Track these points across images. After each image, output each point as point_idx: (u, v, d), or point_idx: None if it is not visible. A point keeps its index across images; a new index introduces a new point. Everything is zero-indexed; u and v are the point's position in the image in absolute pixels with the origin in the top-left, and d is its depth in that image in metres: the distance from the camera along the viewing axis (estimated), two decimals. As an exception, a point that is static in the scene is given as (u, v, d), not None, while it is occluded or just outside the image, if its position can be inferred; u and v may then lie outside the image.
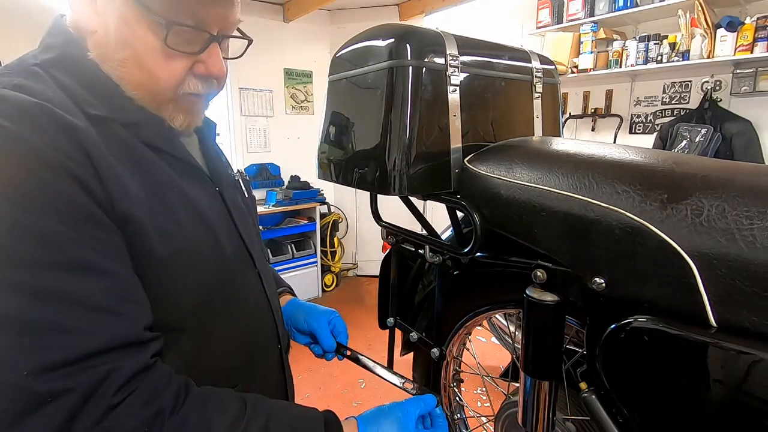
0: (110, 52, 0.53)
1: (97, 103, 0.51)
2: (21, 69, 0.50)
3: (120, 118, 0.53)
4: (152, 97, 0.56)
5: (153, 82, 0.55)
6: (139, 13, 0.51)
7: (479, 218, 0.72)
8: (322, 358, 0.86)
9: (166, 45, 0.53)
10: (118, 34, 0.52)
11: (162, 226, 0.52)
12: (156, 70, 0.54)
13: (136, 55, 0.53)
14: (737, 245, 0.45)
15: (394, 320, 1.03)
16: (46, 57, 0.52)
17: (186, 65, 0.56)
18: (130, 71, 0.54)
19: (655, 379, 0.51)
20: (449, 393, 1.08)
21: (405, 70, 0.70)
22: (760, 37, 2.08)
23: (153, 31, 0.52)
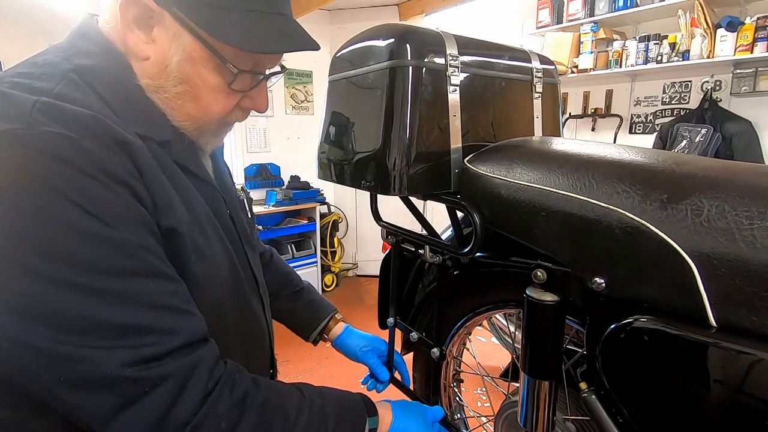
0: (166, 85, 0.53)
1: (134, 122, 0.51)
2: (58, 74, 0.48)
3: (155, 137, 0.53)
4: (197, 127, 0.57)
5: (203, 115, 0.56)
6: (208, 55, 0.51)
7: (479, 218, 0.72)
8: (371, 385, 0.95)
9: (229, 87, 0.54)
10: (179, 70, 0.52)
11: (197, 242, 0.53)
12: (210, 106, 0.55)
13: (194, 91, 0.54)
14: (737, 245, 0.45)
15: (394, 320, 1.03)
16: (82, 63, 0.50)
17: (236, 100, 0.57)
18: (184, 104, 0.54)
19: (655, 379, 0.51)
20: (449, 393, 1.08)
21: (405, 70, 0.70)
22: (760, 37, 2.08)
23: (219, 74, 0.53)
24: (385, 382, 0.92)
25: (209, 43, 0.50)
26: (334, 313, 0.96)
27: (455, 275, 0.90)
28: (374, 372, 0.90)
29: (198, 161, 0.60)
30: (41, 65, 0.49)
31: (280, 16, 0.54)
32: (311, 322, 0.94)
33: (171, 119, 0.55)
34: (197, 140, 0.59)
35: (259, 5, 0.52)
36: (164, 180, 0.50)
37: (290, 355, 2.49)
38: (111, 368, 0.41)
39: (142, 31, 0.51)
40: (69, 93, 0.46)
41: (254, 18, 0.51)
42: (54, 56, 0.50)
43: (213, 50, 0.51)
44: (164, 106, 0.54)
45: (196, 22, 0.49)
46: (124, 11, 0.49)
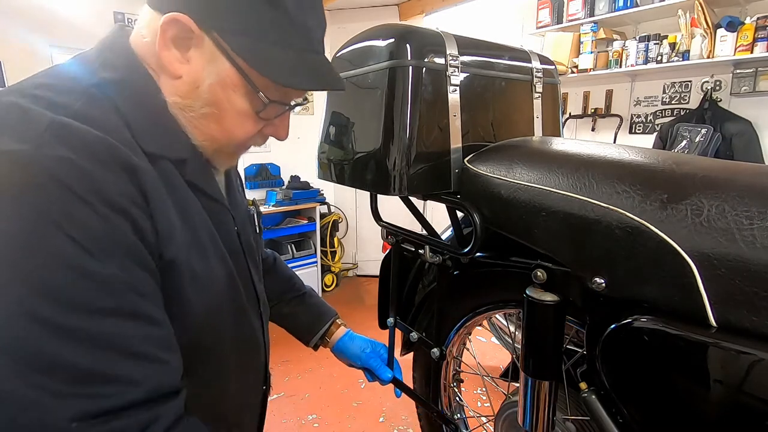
0: (194, 105, 0.53)
1: (152, 139, 0.50)
2: (79, 89, 0.48)
3: (170, 155, 0.52)
4: (216, 148, 0.57)
5: (226, 138, 0.56)
6: (242, 83, 0.52)
7: (479, 218, 0.72)
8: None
9: (256, 115, 0.55)
10: (210, 92, 0.52)
11: (195, 269, 0.53)
12: (234, 130, 0.56)
13: (220, 113, 0.54)
14: (737, 245, 0.45)
15: (394, 320, 1.03)
16: (106, 77, 0.50)
17: (260, 127, 0.58)
18: (208, 125, 0.54)
19: (655, 379, 0.51)
20: (449, 393, 1.08)
21: (405, 70, 0.70)
22: (760, 37, 2.08)
23: (248, 100, 0.54)
24: (388, 381, 0.93)
25: (245, 71, 0.51)
26: (335, 317, 0.97)
27: (455, 275, 0.90)
28: (377, 373, 0.92)
29: (210, 180, 0.60)
30: (65, 77, 0.49)
31: (316, 54, 0.55)
32: (313, 327, 0.95)
33: (191, 138, 0.55)
34: (213, 159, 0.60)
35: (297, 43, 0.52)
36: (170, 206, 0.50)
37: (290, 355, 2.49)
38: (59, 421, 0.38)
39: (178, 50, 0.51)
40: (87, 110, 0.46)
41: (291, 54, 0.52)
42: (79, 67, 0.51)
43: (248, 79, 0.51)
44: (187, 125, 0.54)
45: (236, 49, 0.50)
46: (164, 29, 0.49)
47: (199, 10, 0.48)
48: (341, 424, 1.99)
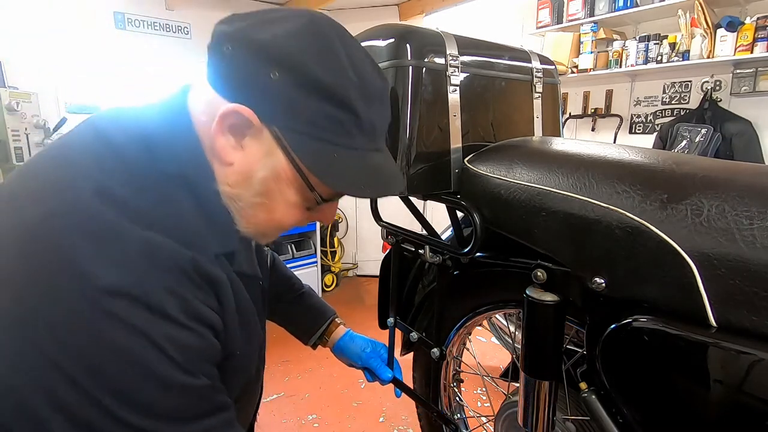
0: (244, 195, 0.52)
1: (213, 239, 0.51)
2: (154, 188, 0.47)
3: (224, 250, 0.52)
4: (261, 232, 0.57)
5: (273, 226, 0.56)
6: (297, 179, 0.50)
7: (479, 218, 0.72)
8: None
9: (306, 210, 0.55)
10: (263, 184, 0.51)
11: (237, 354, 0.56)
12: (283, 220, 0.55)
13: (271, 204, 0.53)
14: (737, 245, 0.45)
15: (394, 320, 1.03)
16: (174, 171, 0.49)
17: (308, 216, 0.57)
18: (257, 214, 0.53)
19: (655, 379, 0.51)
20: (449, 393, 1.08)
21: (405, 70, 0.70)
22: (760, 37, 2.08)
23: (301, 196, 0.53)
24: (388, 381, 0.93)
25: (302, 170, 0.49)
26: (334, 316, 0.97)
27: (455, 275, 0.90)
28: (377, 372, 0.92)
29: (252, 259, 0.61)
30: (136, 168, 0.48)
31: (377, 152, 0.53)
32: (312, 326, 0.95)
33: (238, 225, 0.54)
34: (254, 238, 0.59)
35: (361, 143, 0.50)
36: (232, 309, 0.53)
37: (290, 355, 2.49)
38: None
39: (233, 137, 0.49)
40: (168, 218, 0.47)
41: (354, 157, 0.50)
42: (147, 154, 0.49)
43: (304, 178, 0.50)
44: (236, 214, 0.53)
45: (296, 149, 0.48)
46: (224, 117, 0.47)
47: (264, 103, 0.46)
48: (341, 424, 1.99)
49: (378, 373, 0.92)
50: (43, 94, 2.56)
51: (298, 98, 0.46)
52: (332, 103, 0.47)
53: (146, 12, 2.97)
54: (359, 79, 0.48)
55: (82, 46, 2.76)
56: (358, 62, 0.49)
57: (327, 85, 0.46)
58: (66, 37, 2.68)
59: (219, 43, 0.47)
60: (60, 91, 2.72)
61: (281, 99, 0.46)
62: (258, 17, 0.48)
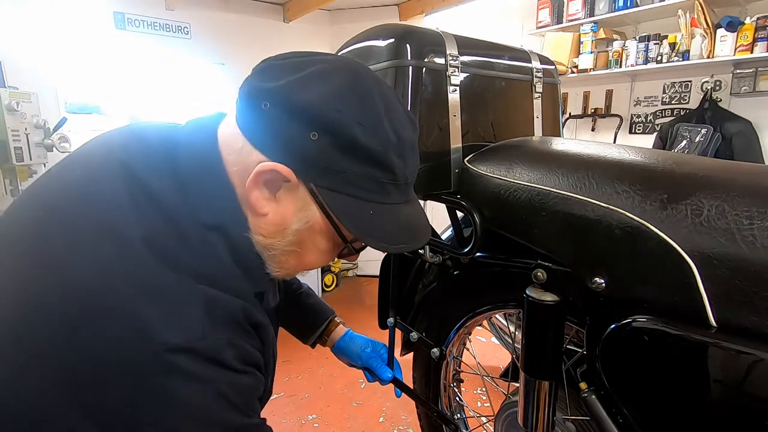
0: (278, 244, 0.52)
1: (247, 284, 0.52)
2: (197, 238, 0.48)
3: (256, 291, 0.54)
4: (289, 275, 0.58)
5: (302, 269, 0.57)
6: (331, 231, 0.51)
7: (479, 218, 0.72)
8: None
9: (337, 256, 0.56)
10: (296, 235, 0.51)
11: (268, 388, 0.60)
12: (312, 263, 0.56)
13: (302, 252, 0.54)
14: (737, 245, 0.45)
15: (394, 320, 1.03)
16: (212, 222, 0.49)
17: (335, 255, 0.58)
18: (288, 261, 0.54)
19: (655, 379, 0.51)
20: (449, 393, 1.08)
21: (405, 70, 0.70)
22: (760, 37, 2.08)
23: (334, 244, 0.54)
24: (388, 380, 0.93)
25: (337, 225, 0.50)
26: (333, 316, 0.98)
27: (455, 275, 0.90)
28: (377, 372, 0.92)
29: (275, 292, 0.64)
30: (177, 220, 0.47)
31: (408, 203, 0.54)
32: (311, 326, 0.96)
33: (269, 269, 0.54)
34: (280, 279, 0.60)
35: (395, 197, 0.51)
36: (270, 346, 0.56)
37: (290, 355, 2.49)
38: None
39: (268, 189, 0.49)
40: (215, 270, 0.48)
41: (387, 212, 0.51)
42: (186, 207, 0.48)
43: (339, 232, 0.51)
44: (268, 260, 0.53)
45: (332, 206, 0.48)
46: (260, 173, 0.47)
47: (302, 162, 0.46)
48: (341, 424, 1.99)
49: (378, 373, 0.92)
50: (43, 94, 2.56)
51: (337, 159, 0.46)
52: (371, 164, 0.47)
53: (146, 12, 2.97)
54: (397, 137, 0.49)
55: (82, 46, 2.75)
56: (395, 118, 0.49)
57: (367, 147, 0.46)
58: (66, 37, 2.68)
59: (257, 97, 0.46)
60: (60, 91, 2.72)
61: (320, 159, 0.46)
62: (298, 73, 0.47)
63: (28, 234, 0.47)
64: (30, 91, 2.42)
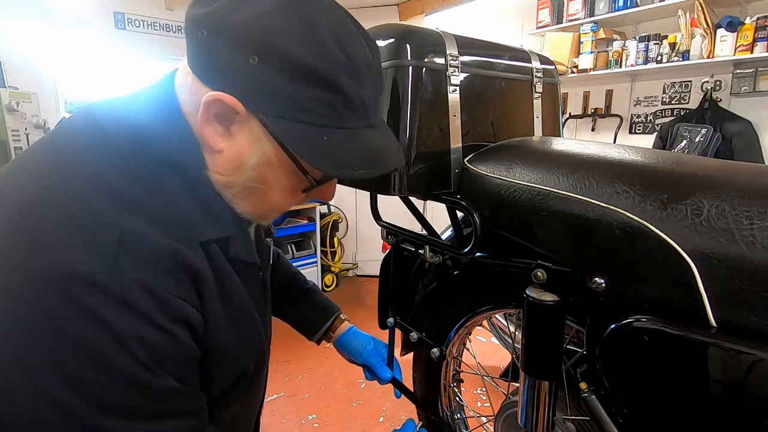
0: (237, 181, 0.51)
1: (204, 226, 0.50)
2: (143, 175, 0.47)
3: (215, 235, 0.51)
4: (259, 215, 0.55)
5: (269, 208, 0.55)
6: (289, 163, 0.49)
7: (479, 218, 0.72)
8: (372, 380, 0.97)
9: (302, 191, 0.54)
10: (255, 171, 0.50)
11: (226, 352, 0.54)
12: (280, 203, 0.54)
13: (265, 189, 0.52)
14: (737, 245, 0.45)
15: (394, 320, 1.03)
16: (165, 157, 0.48)
17: (305, 196, 0.55)
18: (252, 198, 0.52)
19: (655, 379, 0.51)
20: (449, 393, 1.08)
21: (405, 70, 0.70)
22: (760, 37, 2.08)
23: (296, 178, 0.51)
24: (387, 380, 0.93)
25: (293, 155, 0.47)
26: (339, 313, 0.98)
27: (455, 275, 0.90)
28: (376, 371, 0.92)
29: (250, 246, 0.59)
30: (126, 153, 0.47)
31: (371, 128, 0.51)
32: (316, 322, 0.95)
33: (235, 208, 0.53)
34: (253, 221, 0.58)
35: (352, 121, 0.48)
36: (216, 299, 0.51)
37: (290, 355, 2.49)
38: None
39: (221, 124, 0.48)
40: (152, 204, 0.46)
41: (344, 136, 0.48)
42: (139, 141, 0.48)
43: (296, 162, 0.48)
44: (231, 199, 0.52)
45: (283, 135, 0.45)
46: (207, 106, 0.46)
47: (247, 90, 0.44)
48: (341, 424, 1.99)
49: (377, 371, 0.92)
50: (43, 94, 2.56)
51: (281, 83, 0.43)
52: (318, 85, 0.44)
53: (146, 12, 2.97)
54: (345, 56, 0.45)
55: (82, 46, 2.75)
56: (344, 37, 0.46)
57: (311, 67, 0.43)
58: (66, 37, 2.68)
59: (194, 27, 0.45)
60: (60, 91, 2.72)
61: (263, 85, 0.44)
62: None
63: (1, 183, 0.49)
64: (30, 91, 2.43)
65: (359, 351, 0.93)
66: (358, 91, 0.47)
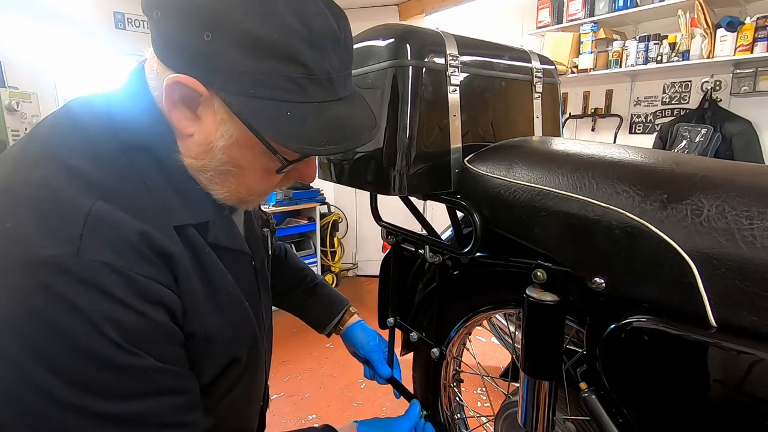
0: (209, 165, 0.50)
1: (177, 210, 0.49)
2: (111, 159, 0.46)
3: (193, 221, 0.51)
4: (239, 199, 0.54)
5: (246, 192, 0.54)
6: (257, 143, 0.47)
7: (479, 218, 0.72)
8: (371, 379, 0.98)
9: (278, 173, 0.52)
10: (225, 153, 0.49)
11: (211, 335, 0.53)
12: (256, 186, 0.53)
13: (239, 171, 0.51)
14: (737, 245, 0.45)
15: (394, 320, 1.03)
16: (133, 142, 0.48)
17: (282, 177, 0.54)
18: (227, 181, 0.52)
19: (655, 379, 0.51)
20: (449, 393, 1.08)
21: (405, 70, 0.70)
22: (760, 37, 2.08)
23: (268, 159, 0.50)
24: (385, 377, 0.93)
25: (258, 134, 0.46)
26: (348, 306, 0.99)
27: (455, 275, 0.90)
28: (376, 366, 0.92)
29: (233, 232, 0.58)
30: (95, 139, 0.47)
31: (340, 102, 0.49)
32: (326, 317, 0.97)
33: (213, 193, 0.53)
34: (236, 206, 0.57)
35: (317, 95, 0.46)
36: (196, 281, 0.50)
37: (290, 355, 2.49)
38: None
39: (187, 108, 0.47)
40: (121, 189, 0.45)
41: (310, 111, 0.46)
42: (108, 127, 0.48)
43: (264, 141, 0.47)
44: (207, 184, 0.52)
45: (246, 114, 0.44)
46: (169, 91, 0.45)
47: (205, 70, 0.44)
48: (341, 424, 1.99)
49: (377, 367, 0.92)
50: (43, 94, 2.56)
51: (237, 59, 0.42)
52: (275, 58, 0.43)
53: (146, 12, 2.97)
54: (302, 25, 0.44)
55: (82, 46, 2.75)
56: (303, 7, 0.44)
57: (265, 39, 0.42)
58: (66, 37, 2.68)
59: (149, 7, 0.44)
60: (60, 91, 2.72)
61: (220, 62, 0.43)
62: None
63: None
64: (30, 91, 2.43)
65: (363, 344, 0.94)
66: (322, 63, 0.45)
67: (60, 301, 0.40)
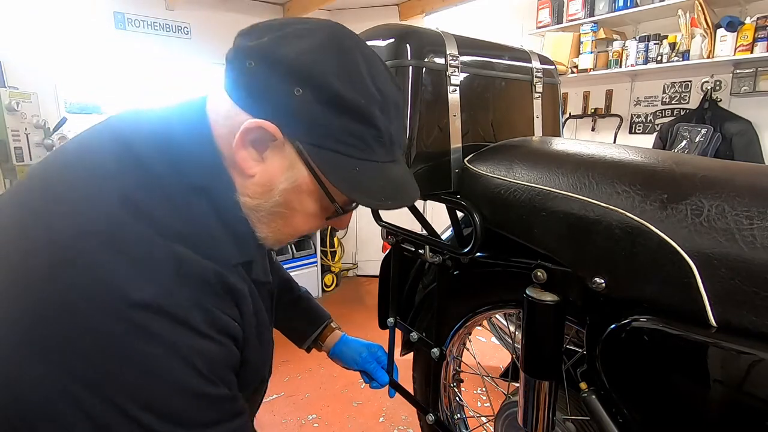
0: (263, 205, 0.52)
1: (233, 250, 0.51)
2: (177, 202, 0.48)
3: (243, 258, 0.53)
4: (278, 240, 0.57)
5: (290, 233, 0.56)
6: (318, 190, 0.51)
7: (479, 218, 0.72)
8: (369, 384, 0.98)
9: (326, 219, 0.56)
10: (283, 195, 0.51)
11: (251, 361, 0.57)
12: (301, 227, 0.56)
13: (290, 213, 0.53)
14: (737, 245, 0.45)
15: (394, 320, 1.03)
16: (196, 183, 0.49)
17: (324, 223, 0.57)
18: (275, 222, 0.54)
19: (655, 378, 0.51)
20: (449, 393, 1.08)
21: (405, 70, 0.70)
22: (760, 37, 2.08)
23: (321, 206, 0.53)
24: (385, 384, 0.94)
25: (324, 183, 0.50)
26: (329, 321, 0.97)
27: (455, 275, 0.90)
28: (374, 376, 0.92)
29: (266, 267, 0.61)
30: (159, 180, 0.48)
31: (394, 163, 0.54)
32: (306, 331, 0.96)
33: (256, 232, 0.54)
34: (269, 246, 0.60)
35: (381, 156, 0.51)
36: (251, 318, 0.54)
37: (290, 355, 2.49)
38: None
39: (255, 149, 0.49)
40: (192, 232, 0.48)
41: (373, 170, 0.50)
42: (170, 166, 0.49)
43: (326, 191, 0.51)
44: (255, 223, 0.53)
45: (318, 164, 0.48)
46: (246, 132, 0.47)
47: (287, 119, 0.47)
48: (341, 424, 1.99)
49: (375, 376, 0.92)
50: (43, 94, 2.56)
51: (321, 114, 0.46)
52: (355, 118, 0.47)
53: (146, 12, 2.96)
54: (379, 93, 0.48)
55: (82, 46, 2.75)
56: (378, 74, 0.49)
57: (350, 101, 0.46)
58: (66, 37, 2.68)
59: (241, 57, 0.47)
60: (60, 91, 2.72)
61: (304, 115, 0.46)
62: (280, 31, 0.48)
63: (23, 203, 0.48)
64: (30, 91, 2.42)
65: (355, 359, 0.93)
66: (388, 126, 0.50)
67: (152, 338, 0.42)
